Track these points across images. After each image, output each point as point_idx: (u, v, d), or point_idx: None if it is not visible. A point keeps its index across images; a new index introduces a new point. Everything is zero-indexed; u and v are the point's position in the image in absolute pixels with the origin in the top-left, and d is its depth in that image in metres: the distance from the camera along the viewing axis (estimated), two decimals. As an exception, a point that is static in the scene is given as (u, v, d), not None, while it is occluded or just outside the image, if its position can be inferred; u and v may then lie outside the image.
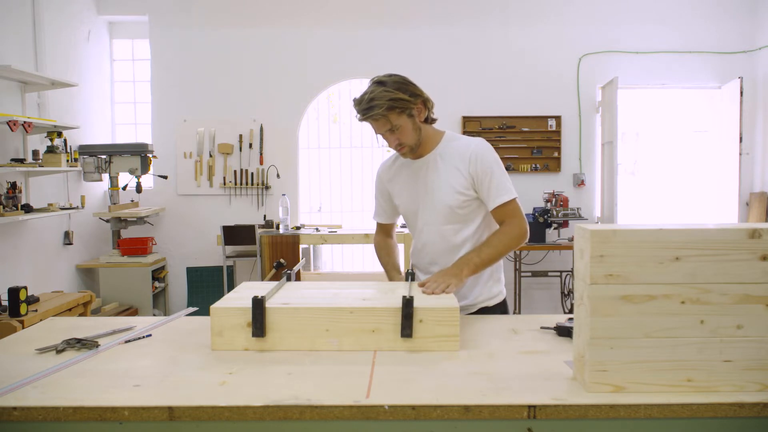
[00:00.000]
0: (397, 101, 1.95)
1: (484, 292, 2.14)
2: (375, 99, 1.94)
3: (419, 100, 2.01)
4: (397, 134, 2.00)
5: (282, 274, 2.04)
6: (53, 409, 1.24)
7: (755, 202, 5.55)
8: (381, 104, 1.93)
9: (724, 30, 5.68)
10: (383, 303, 1.66)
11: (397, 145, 2.03)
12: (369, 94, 1.96)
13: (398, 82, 1.99)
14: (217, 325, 1.62)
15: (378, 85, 1.97)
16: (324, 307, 1.62)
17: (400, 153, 2.09)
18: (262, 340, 1.61)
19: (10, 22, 4.33)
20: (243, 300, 1.66)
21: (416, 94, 2.00)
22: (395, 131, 1.99)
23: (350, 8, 5.73)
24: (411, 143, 2.04)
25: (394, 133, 2.00)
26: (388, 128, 1.99)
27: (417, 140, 2.05)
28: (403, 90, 1.97)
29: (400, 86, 1.97)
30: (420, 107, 2.02)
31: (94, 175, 4.98)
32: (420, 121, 2.04)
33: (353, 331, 1.61)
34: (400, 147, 2.04)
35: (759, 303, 1.29)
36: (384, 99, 1.94)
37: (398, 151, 2.09)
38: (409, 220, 2.22)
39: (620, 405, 1.24)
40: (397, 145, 2.04)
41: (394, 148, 2.06)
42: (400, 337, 1.60)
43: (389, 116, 1.96)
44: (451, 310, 1.61)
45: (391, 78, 1.99)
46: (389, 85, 1.96)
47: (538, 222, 5.36)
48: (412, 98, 1.98)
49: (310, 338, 1.61)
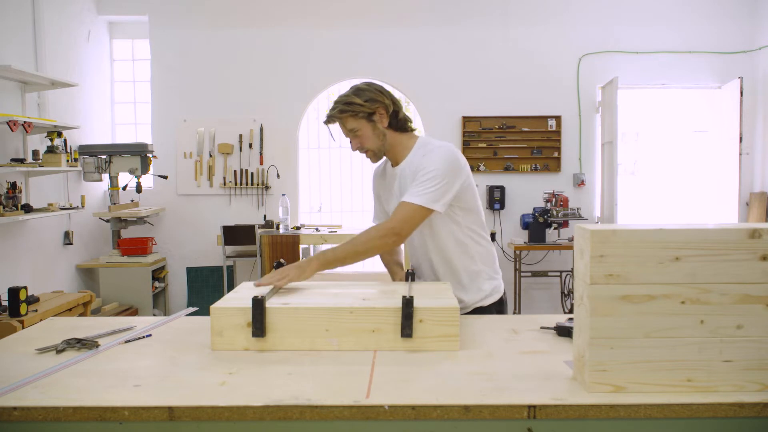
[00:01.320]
0: (350, 105, 2.01)
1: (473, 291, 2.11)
2: (337, 101, 2.04)
3: (377, 106, 2.02)
4: (358, 138, 2.06)
5: (282, 274, 2.04)
6: (53, 409, 1.24)
7: (755, 202, 5.55)
8: (335, 107, 2.04)
9: (724, 30, 5.68)
10: (383, 303, 1.66)
11: (359, 148, 2.09)
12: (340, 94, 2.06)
13: (359, 88, 2.06)
14: (217, 325, 1.62)
15: (344, 93, 2.07)
16: (324, 307, 1.62)
17: (366, 156, 2.14)
18: (262, 340, 1.61)
19: (10, 22, 4.33)
20: (243, 300, 1.66)
21: (375, 99, 2.02)
22: (356, 135, 2.06)
23: (351, 8, 5.73)
24: (372, 148, 2.08)
25: (357, 136, 2.06)
26: (350, 129, 2.05)
27: (379, 146, 2.07)
28: (360, 95, 2.02)
29: (357, 91, 2.04)
30: (381, 113, 2.03)
31: (94, 175, 4.98)
32: (383, 127, 2.05)
33: (353, 331, 1.61)
34: (363, 151, 2.10)
35: (759, 303, 1.29)
36: (340, 103, 2.03)
37: (364, 155, 2.13)
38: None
39: (620, 405, 1.24)
40: (359, 149, 2.09)
41: (358, 151, 2.11)
42: (400, 337, 1.60)
43: (344, 120, 2.04)
44: (451, 310, 1.61)
45: (359, 84, 2.07)
46: (349, 91, 2.06)
47: (538, 222, 5.36)
48: (367, 103, 2.01)
49: (311, 338, 1.61)
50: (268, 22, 5.72)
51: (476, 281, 2.11)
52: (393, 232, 1.94)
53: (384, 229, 1.95)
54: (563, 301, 5.62)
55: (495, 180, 5.74)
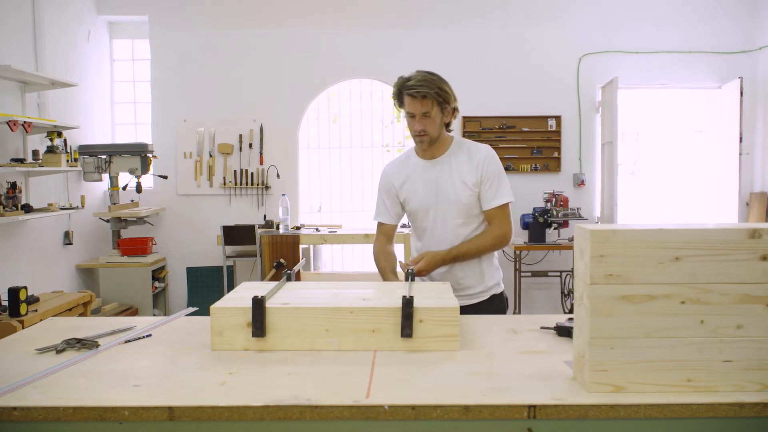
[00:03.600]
0: (443, 92, 2.13)
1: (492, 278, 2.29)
2: (427, 81, 2.10)
3: (455, 103, 2.21)
4: (427, 121, 2.14)
5: (282, 274, 2.04)
6: (53, 409, 1.24)
7: (755, 202, 5.55)
8: (433, 86, 2.10)
9: (724, 30, 5.68)
10: (383, 303, 1.66)
11: (421, 131, 2.16)
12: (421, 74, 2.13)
13: (442, 79, 2.17)
14: (217, 325, 1.62)
15: (428, 74, 2.14)
16: (324, 307, 1.62)
17: (419, 141, 2.20)
18: (262, 340, 1.61)
19: (10, 22, 4.33)
20: (243, 300, 1.66)
21: (454, 97, 2.19)
22: (427, 117, 2.13)
23: (351, 8, 5.73)
24: (434, 135, 2.18)
25: (426, 119, 2.14)
26: (424, 111, 2.12)
27: (438, 135, 2.20)
28: (449, 87, 2.17)
29: (443, 81, 2.16)
30: (453, 109, 2.21)
31: (94, 175, 4.98)
32: (445, 122, 2.22)
33: (353, 331, 1.61)
34: (423, 134, 2.17)
35: (759, 303, 1.29)
36: (436, 84, 2.11)
37: (418, 139, 2.20)
38: (418, 218, 2.31)
39: (620, 405, 1.24)
40: (421, 132, 2.16)
41: (417, 134, 2.17)
42: (400, 337, 1.60)
43: (433, 101, 2.12)
44: (451, 310, 1.61)
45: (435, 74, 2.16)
46: (439, 79, 2.15)
47: (538, 222, 5.35)
48: (453, 97, 2.18)
49: (311, 338, 1.61)
50: (269, 22, 5.72)
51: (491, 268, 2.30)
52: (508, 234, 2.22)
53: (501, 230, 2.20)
54: (563, 301, 5.62)
55: (495, 180, 5.73)
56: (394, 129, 6.15)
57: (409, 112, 2.16)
